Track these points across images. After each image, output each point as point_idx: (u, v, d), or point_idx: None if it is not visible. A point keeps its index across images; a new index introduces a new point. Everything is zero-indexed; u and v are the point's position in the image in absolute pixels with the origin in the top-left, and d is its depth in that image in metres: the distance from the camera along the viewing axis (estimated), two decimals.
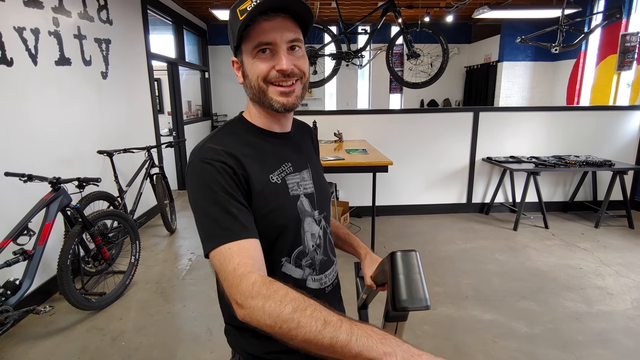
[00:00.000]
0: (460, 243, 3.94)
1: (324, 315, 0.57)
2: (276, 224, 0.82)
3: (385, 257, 0.78)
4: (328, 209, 0.97)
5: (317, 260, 0.91)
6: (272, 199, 0.81)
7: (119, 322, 2.60)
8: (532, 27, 6.51)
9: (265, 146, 0.86)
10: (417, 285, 0.67)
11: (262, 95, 0.82)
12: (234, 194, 0.75)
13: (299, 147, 0.95)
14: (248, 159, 0.80)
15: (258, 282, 0.63)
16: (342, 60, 4.32)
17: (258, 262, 0.70)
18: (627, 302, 2.79)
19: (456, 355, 2.26)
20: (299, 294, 0.61)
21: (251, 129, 0.87)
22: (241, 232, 0.72)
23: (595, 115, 4.74)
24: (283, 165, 0.87)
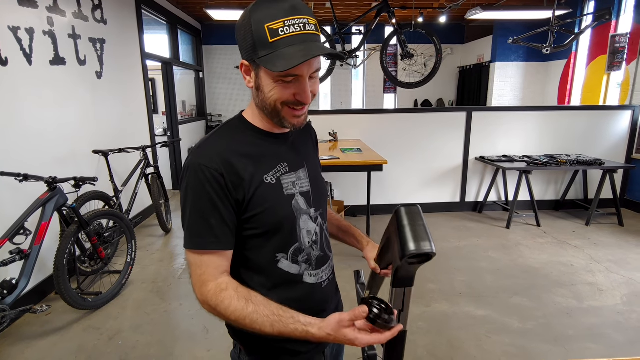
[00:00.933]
0: (454, 241, 3.99)
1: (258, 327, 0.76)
2: (270, 222, 0.85)
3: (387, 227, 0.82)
4: (324, 206, 1.00)
5: (314, 256, 0.93)
6: (266, 199, 0.84)
7: (115, 322, 2.60)
8: (523, 28, 6.60)
9: (263, 147, 0.89)
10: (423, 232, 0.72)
11: (274, 114, 0.84)
12: (218, 205, 0.80)
13: (297, 146, 0.97)
14: (243, 162, 0.83)
15: (211, 291, 0.79)
16: (336, 60, 4.34)
17: (221, 270, 0.83)
18: (617, 298, 2.85)
19: (450, 350, 2.30)
20: (240, 303, 0.77)
21: (250, 129, 0.89)
22: (213, 243, 0.81)
23: (585, 115, 4.82)
24: (279, 165, 0.89)
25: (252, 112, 0.90)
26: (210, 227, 0.80)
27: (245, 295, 0.78)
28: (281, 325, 0.74)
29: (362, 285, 1.08)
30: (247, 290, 0.80)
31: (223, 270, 0.82)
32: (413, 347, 2.31)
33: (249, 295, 0.78)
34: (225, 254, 0.83)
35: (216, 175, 0.79)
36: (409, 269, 0.73)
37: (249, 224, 0.84)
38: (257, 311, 0.76)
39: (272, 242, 0.87)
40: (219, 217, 0.80)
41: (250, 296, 0.78)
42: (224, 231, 0.81)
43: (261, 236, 0.86)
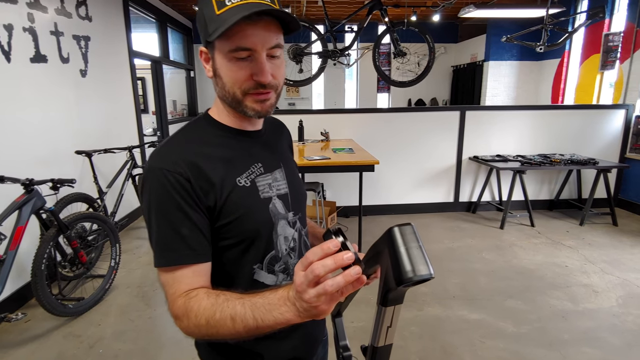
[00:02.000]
0: (447, 242, 3.93)
1: (229, 312, 0.63)
2: (246, 229, 0.77)
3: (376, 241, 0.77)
4: (303, 209, 0.92)
5: (291, 265, 0.86)
6: (241, 204, 0.76)
7: (97, 328, 2.51)
8: (517, 27, 6.56)
9: (233, 146, 0.81)
10: (419, 255, 0.66)
11: (235, 103, 0.76)
12: (187, 212, 0.71)
13: (271, 145, 0.89)
14: (212, 164, 0.75)
15: (180, 306, 0.69)
16: (328, 58, 4.27)
17: (197, 284, 0.72)
18: (612, 300, 2.80)
19: (443, 356, 2.23)
20: (209, 299, 0.66)
21: (218, 127, 0.81)
22: (188, 256, 0.72)
23: (579, 114, 4.79)
24: (253, 166, 0.81)
25: (217, 108, 0.82)
26: (182, 238, 0.71)
27: (217, 292, 0.67)
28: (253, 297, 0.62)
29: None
30: (221, 290, 0.69)
31: (199, 285, 0.72)
32: (405, 353, 2.24)
33: (221, 292, 0.67)
34: (203, 268, 0.73)
35: (182, 180, 0.71)
36: (402, 290, 0.69)
37: (222, 234, 0.76)
38: (229, 298, 0.64)
39: (247, 251, 0.79)
40: (191, 226, 0.71)
41: (221, 293, 0.67)
42: (199, 241, 0.73)
43: (236, 246, 0.78)
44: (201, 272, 0.73)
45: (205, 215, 0.74)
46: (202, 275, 0.73)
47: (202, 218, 0.73)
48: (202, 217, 0.73)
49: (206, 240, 0.74)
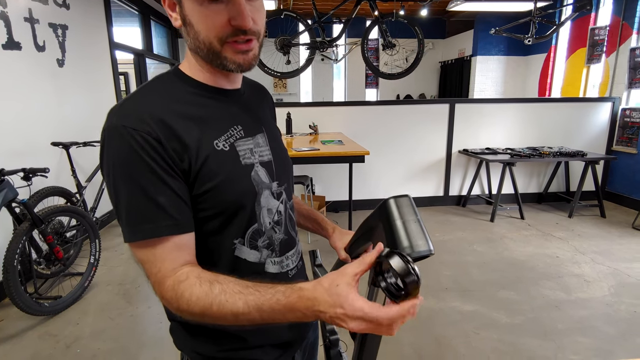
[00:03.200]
0: (438, 235, 3.88)
1: (230, 308, 0.58)
2: (226, 200, 0.68)
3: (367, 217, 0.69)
4: (289, 180, 0.83)
5: (276, 240, 0.77)
6: (219, 171, 0.67)
7: (74, 328, 2.38)
8: (504, 21, 6.54)
9: (208, 105, 0.71)
10: (418, 230, 0.61)
11: (212, 55, 0.66)
12: (162, 176, 0.61)
13: (252, 107, 0.79)
14: (184, 123, 0.65)
15: (169, 288, 0.62)
16: (316, 50, 4.19)
17: (181, 261, 0.64)
18: (605, 289, 2.78)
19: (437, 348, 2.17)
20: (202, 287, 0.60)
21: (191, 84, 0.71)
22: (170, 227, 0.62)
23: (567, 107, 4.80)
24: (232, 128, 0.72)
25: (189, 63, 0.72)
26: (159, 206, 0.61)
27: (209, 278, 0.61)
28: (258, 296, 0.57)
29: (319, 267, 0.95)
30: (213, 273, 0.62)
31: (184, 260, 0.64)
32: (398, 345, 2.17)
33: (216, 277, 0.61)
34: (186, 240, 0.64)
35: (151, 141, 0.61)
36: None
37: (198, 205, 0.67)
38: (226, 290, 0.58)
39: (227, 225, 0.70)
40: (169, 193, 0.62)
41: (217, 277, 0.61)
42: (181, 209, 0.63)
43: (213, 219, 0.69)
44: (185, 245, 0.64)
45: (183, 181, 0.64)
46: (187, 249, 0.65)
47: (180, 184, 0.64)
48: (180, 183, 0.64)
49: (188, 208, 0.65)
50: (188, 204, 0.65)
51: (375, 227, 0.70)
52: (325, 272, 0.94)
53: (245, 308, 0.57)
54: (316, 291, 0.54)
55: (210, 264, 0.70)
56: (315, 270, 1.02)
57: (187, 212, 0.64)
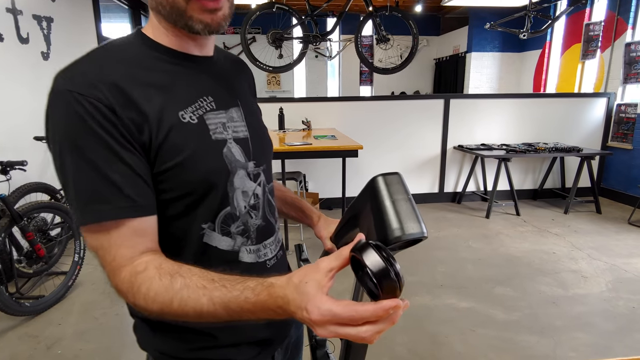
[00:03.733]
0: (433, 232, 3.82)
1: (193, 306, 0.50)
2: (193, 179, 0.60)
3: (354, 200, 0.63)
4: (268, 162, 0.75)
5: (252, 226, 0.69)
6: (185, 145, 0.59)
7: (56, 328, 2.29)
8: (499, 18, 6.51)
9: (174, 72, 0.62)
10: (409, 210, 0.55)
11: (176, 15, 0.58)
12: (115, 150, 0.53)
13: (226, 78, 0.71)
14: (143, 90, 0.57)
15: (125, 279, 0.54)
16: (309, 44, 4.11)
17: (142, 246, 0.56)
18: (602, 285, 2.74)
19: (433, 346, 2.10)
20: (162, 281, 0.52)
21: (154, 48, 0.62)
22: (125, 208, 0.54)
23: (562, 103, 4.76)
24: (201, 99, 0.63)
25: (152, 26, 0.63)
26: (114, 185, 0.53)
27: (170, 270, 0.53)
28: (224, 292, 0.49)
29: (305, 262, 0.88)
30: (176, 263, 0.54)
31: (144, 248, 0.56)
32: (391, 344, 2.11)
33: (178, 269, 0.53)
34: (147, 224, 0.56)
35: (102, 108, 0.52)
36: None
37: (161, 184, 0.59)
38: (188, 284, 0.51)
39: (195, 208, 0.62)
40: (125, 169, 0.54)
41: (179, 269, 0.53)
42: (139, 188, 0.55)
43: (179, 200, 0.60)
44: (145, 230, 0.56)
45: (142, 156, 0.56)
46: (148, 234, 0.57)
47: (138, 160, 0.55)
48: (138, 158, 0.55)
49: (148, 187, 0.57)
50: (149, 183, 0.57)
51: (362, 211, 0.63)
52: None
53: (211, 306, 0.49)
54: (287, 288, 0.46)
55: (176, 252, 0.62)
56: (301, 265, 0.96)
57: (147, 192, 0.56)
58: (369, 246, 0.43)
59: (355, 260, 0.44)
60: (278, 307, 0.46)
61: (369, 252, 0.43)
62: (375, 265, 0.42)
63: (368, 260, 0.42)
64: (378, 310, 0.41)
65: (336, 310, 0.42)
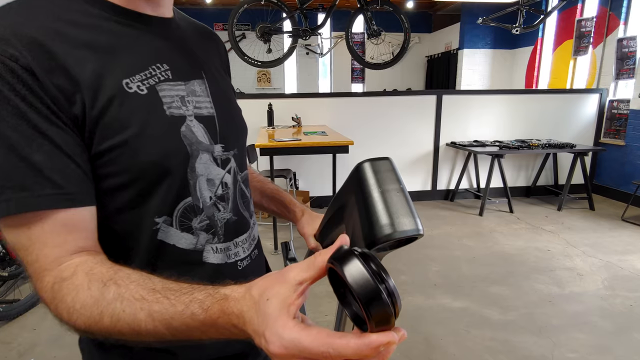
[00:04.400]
0: (426, 230, 3.70)
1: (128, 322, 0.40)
2: (140, 162, 0.49)
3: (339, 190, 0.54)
4: (241, 146, 0.65)
5: (220, 221, 0.59)
6: (130, 120, 0.48)
7: (31, 334, 2.16)
8: (491, 14, 6.50)
9: (118, 33, 0.51)
10: (401, 202, 0.46)
11: None
12: (36, 123, 0.42)
13: (189, 46, 0.60)
14: (75, 51, 0.46)
15: (48, 287, 0.43)
16: (298, 38, 4.01)
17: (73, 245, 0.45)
18: (598, 282, 2.68)
19: (427, 349, 2.02)
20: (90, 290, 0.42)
21: (95, 4, 0.50)
22: (49, 198, 0.43)
23: (554, 99, 4.72)
24: (153, 67, 0.52)
25: None
26: (34, 168, 0.42)
27: (103, 276, 0.42)
28: (166, 306, 0.38)
29: (292, 261, 0.78)
30: (113, 267, 0.44)
31: (76, 247, 0.45)
32: None
33: (113, 274, 0.43)
34: (80, 217, 0.45)
35: (15, 68, 0.41)
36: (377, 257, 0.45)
37: (102, 168, 0.48)
38: (123, 295, 0.40)
39: (146, 198, 0.51)
40: (51, 148, 0.43)
41: (115, 275, 0.43)
42: (70, 172, 0.44)
43: (125, 188, 0.50)
44: (77, 225, 0.45)
45: (74, 133, 0.45)
46: (81, 230, 0.46)
47: (69, 137, 0.44)
48: (68, 135, 0.44)
49: (82, 171, 0.46)
50: (82, 167, 0.46)
51: (347, 203, 0.53)
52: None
53: (150, 323, 0.39)
54: (244, 303, 0.36)
55: (123, 253, 0.52)
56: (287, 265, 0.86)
57: (79, 178, 0.45)
58: (352, 256, 0.32)
59: (334, 273, 0.33)
60: (233, 327, 0.36)
61: (352, 264, 0.31)
62: (361, 283, 0.30)
63: (351, 277, 0.30)
64: (363, 347, 0.30)
65: (305, 343, 0.31)
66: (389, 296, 0.31)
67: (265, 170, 3.67)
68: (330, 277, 0.34)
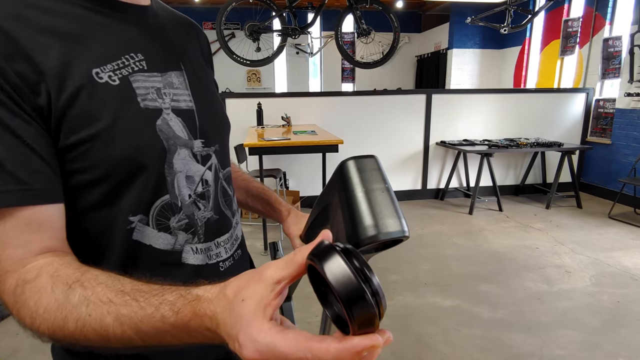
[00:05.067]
0: (417, 229, 3.75)
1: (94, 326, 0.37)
2: (112, 156, 0.47)
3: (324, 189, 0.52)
4: (223, 142, 0.63)
5: (200, 220, 0.57)
6: (100, 112, 0.46)
7: (13, 339, 2.10)
8: (479, 14, 6.54)
9: (88, 20, 0.48)
10: (386, 202, 0.44)
11: None
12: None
13: (166, 34, 0.58)
14: (38, 36, 0.43)
15: (10, 290, 0.41)
16: (287, 36, 3.99)
17: (38, 245, 0.42)
18: (586, 279, 2.71)
19: (417, 348, 2.01)
20: (54, 293, 0.39)
21: None
22: (11, 194, 0.40)
23: (542, 98, 4.77)
24: (127, 56, 0.50)
25: None
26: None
27: (68, 278, 0.40)
28: (135, 309, 0.36)
29: None
30: (80, 269, 0.41)
31: (41, 247, 0.43)
32: None
33: (80, 276, 0.40)
34: (45, 215, 0.43)
35: None
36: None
37: (71, 163, 0.45)
38: (89, 298, 0.38)
39: (119, 195, 0.49)
40: (13, 140, 0.40)
41: (81, 276, 0.40)
42: (34, 166, 0.42)
43: (97, 185, 0.47)
44: (43, 224, 0.43)
45: (39, 126, 0.43)
46: (47, 229, 0.43)
47: (33, 130, 0.42)
48: (32, 127, 0.42)
49: (47, 166, 0.43)
50: (48, 161, 0.43)
51: (331, 202, 0.52)
52: None
53: (117, 327, 0.37)
54: (217, 304, 0.34)
55: (95, 254, 0.49)
56: None
57: (45, 172, 0.43)
58: (333, 251, 0.30)
59: (314, 271, 0.31)
60: (206, 330, 0.34)
61: (333, 261, 0.29)
62: (343, 282, 0.28)
63: (332, 274, 0.28)
64: (344, 351, 0.28)
65: (281, 347, 0.29)
66: (372, 296, 0.29)
67: (254, 170, 3.64)
68: (310, 275, 0.33)
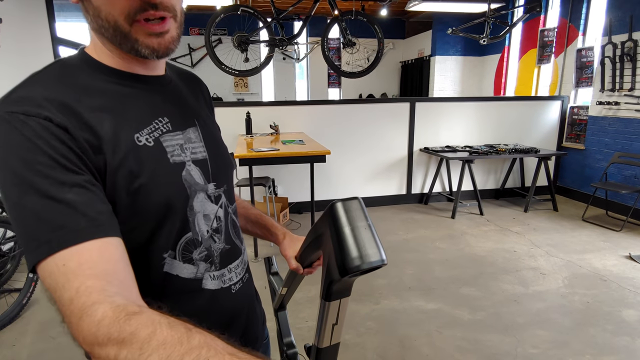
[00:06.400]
0: (401, 234, 3.89)
1: None
2: (151, 206, 0.58)
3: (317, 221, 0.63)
4: (229, 182, 0.74)
5: (216, 251, 0.68)
6: (142, 170, 0.57)
7: (9, 350, 2.15)
8: (461, 23, 6.72)
9: (123, 95, 0.59)
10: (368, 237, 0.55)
11: (120, 37, 0.56)
12: (68, 167, 0.48)
13: (181, 97, 0.69)
14: (94, 113, 0.54)
15: (108, 317, 0.41)
16: (275, 47, 4.09)
17: (114, 276, 0.46)
18: (559, 281, 2.88)
19: (401, 350, 2.13)
20: (174, 332, 0.40)
21: (100, 70, 0.59)
22: (84, 229, 0.47)
23: (520, 105, 4.97)
24: (156, 121, 0.61)
25: (94, 46, 0.60)
26: (70, 205, 0.46)
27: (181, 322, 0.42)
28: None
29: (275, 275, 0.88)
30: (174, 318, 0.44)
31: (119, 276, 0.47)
32: (362, 350, 2.12)
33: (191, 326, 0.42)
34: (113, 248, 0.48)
35: (51, 127, 0.49)
36: (349, 281, 0.57)
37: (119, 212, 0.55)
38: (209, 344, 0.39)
39: (153, 236, 0.59)
40: (80, 189, 0.48)
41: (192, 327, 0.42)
42: (98, 207, 0.49)
43: (136, 229, 0.58)
44: (113, 256, 0.48)
45: (97, 180, 0.53)
46: (119, 261, 0.48)
47: (95, 181, 0.52)
48: (96, 180, 0.52)
49: (107, 207, 0.52)
50: (107, 205, 0.52)
51: (323, 234, 0.63)
52: (281, 281, 0.89)
53: None
54: None
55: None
56: (271, 279, 0.96)
57: (108, 213, 0.51)
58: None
59: None
60: None
61: None
62: None
63: None
64: None
65: None
66: None
67: (244, 179, 3.73)
68: None
